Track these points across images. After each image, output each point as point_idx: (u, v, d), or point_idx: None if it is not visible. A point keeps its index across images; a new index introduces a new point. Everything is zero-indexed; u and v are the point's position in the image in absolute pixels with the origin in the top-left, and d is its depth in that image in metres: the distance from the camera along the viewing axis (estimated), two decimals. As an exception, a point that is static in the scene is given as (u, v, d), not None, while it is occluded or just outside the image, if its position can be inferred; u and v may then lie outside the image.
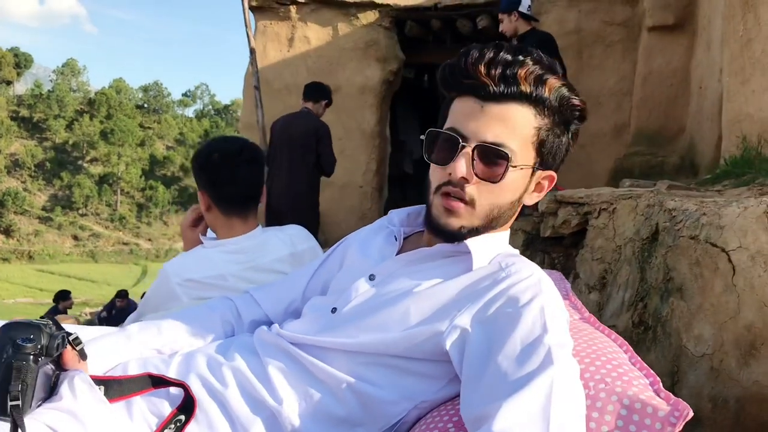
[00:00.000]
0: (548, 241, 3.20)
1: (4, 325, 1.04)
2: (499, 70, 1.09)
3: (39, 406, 1.03)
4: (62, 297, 10.23)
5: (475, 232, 1.16)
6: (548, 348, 0.94)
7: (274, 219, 5.13)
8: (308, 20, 7.72)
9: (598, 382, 0.97)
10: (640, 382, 0.98)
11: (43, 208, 72.69)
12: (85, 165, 78.14)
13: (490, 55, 1.10)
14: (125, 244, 72.19)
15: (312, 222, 5.15)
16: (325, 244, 7.64)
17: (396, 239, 1.30)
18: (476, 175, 1.11)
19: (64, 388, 1.07)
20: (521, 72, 1.09)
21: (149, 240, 73.57)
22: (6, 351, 1.00)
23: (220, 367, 1.20)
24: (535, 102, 1.10)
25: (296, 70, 7.75)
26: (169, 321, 1.38)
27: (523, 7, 4.67)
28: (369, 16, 7.53)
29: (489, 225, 1.16)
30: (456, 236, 1.16)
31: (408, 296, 1.12)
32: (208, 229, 2.03)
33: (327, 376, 1.13)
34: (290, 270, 1.86)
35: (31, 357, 1.00)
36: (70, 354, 1.11)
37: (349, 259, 1.37)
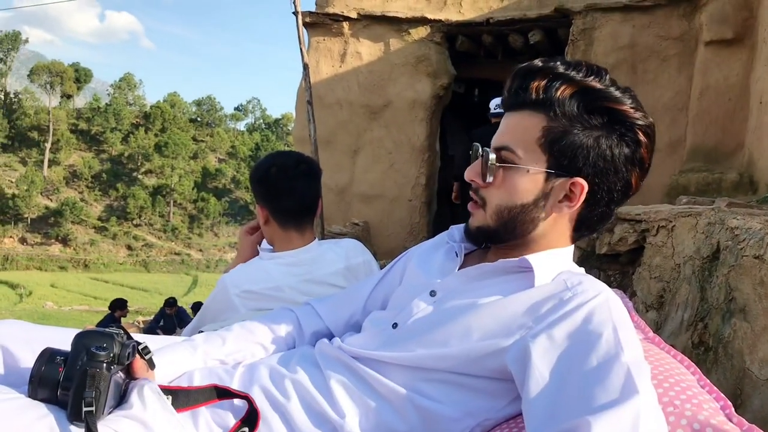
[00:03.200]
0: (604, 258, 3.14)
1: (78, 334, 1.07)
2: (517, 82, 1.13)
3: (110, 413, 1.06)
4: (118, 305, 10.42)
5: (493, 234, 1.18)
6: (627, 368, 0.91)
7: None
8: (360, 36, 7.81)
9: (667, 405, 0.95)
10: (710, 406, 0.96)
11: (99, 218, 74.66)
12: (140, 177, 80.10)
13: (522, 67, 1.14)
14: (177, 254, 73.58)
15: None
16: (375, 256, 7.69)
17: (457, 255, 1.30)
18: (474, 176, 1.17)
19: (134, 397, 1.09)
20: (535, 81, 1.11)
21: (200, 250, 74.82)
22: (81, 358, 1.02)
23: (283, 379, 1.21)
24: (546, 107, 1.10)
25: (348, 86, 7.84)
26: (232, 332, 1.40)
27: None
28: (420, 32, 7.57)
29: (505, 228, 1.16)
30: (475, 237, 1.21)
31: (469, 312, 1.12)
32: (264, 241, 2.06)
33: (388, 391, 1.13)
34: (345, 283, 1.87)
35: (105, 365, 1.02)
36: (139, 363, 1.14)
37: (409, 274, 1.37)
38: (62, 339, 1.15)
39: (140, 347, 1.14)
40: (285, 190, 1.90)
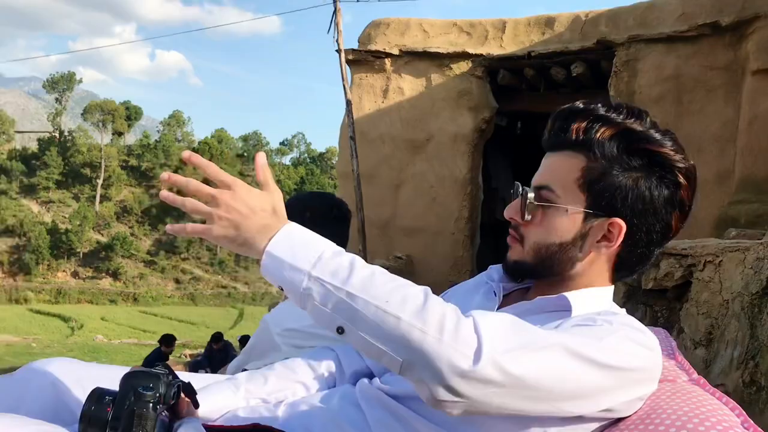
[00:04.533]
0: (650, 293, 3.09)
1: (126, 374, 1.11)
2: (558, 123, 1.15)
3: None
4: (166, 341, 10.54)
5: (530, 270, 1.19)
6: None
7: None
8: (402, 72, 7.91)
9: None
10: (753, 449, 0.94)
11: (148, 252, 76.22)
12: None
13: (563, 108, 1.16)
14: (224, 287, 74.46)
15: None
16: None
17: (495, 294, 1.30)
18: (513, 214, 1.19)
19: None
20: (575, 124, 1.13)
21: (246, 284, 75.58)
22: (129, 398, 1.05)
23: (324, 418, 1.23)
24: (586, 148, 1.12)
25: (390, 121, 7.93)
26: (274, 370, 1.42)
27: None
28: (462, 67, 7.64)
29: (542, 265, 1.17)
30: (512, 272, 1.22)
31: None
32: None
33: (429, 431, 1.14)
34: None
35: (151, 405, 1.05)
36: (184, 402, 1.17)
37: None
38: (111, 377, 1.18)
39: (185, 386, 1.17)
40: (321, 235, 1.92)
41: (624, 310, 1.21)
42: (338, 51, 7.51)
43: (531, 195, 1.15)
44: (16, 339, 27.19)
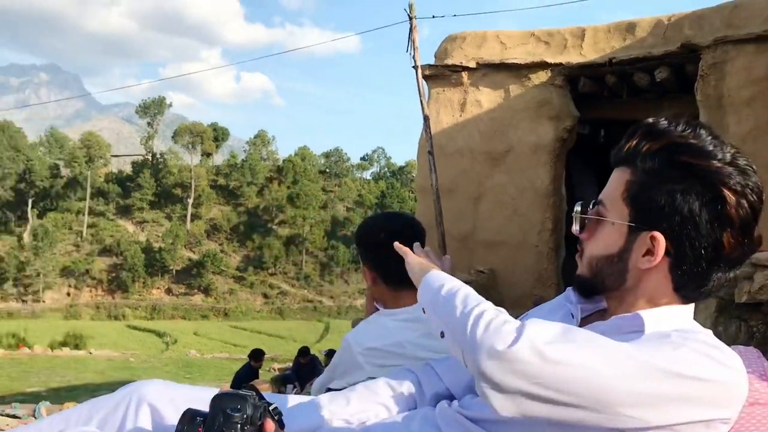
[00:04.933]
0: (744, 307, 2.94)
1: (215, 396, 1.16)
2: (623, 140, 1.18)
3: None
4: (255, 356, 10.82)
5: (587, 284, 1.22)
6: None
7: None
8: (480, 84, 7.89)
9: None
10: None
11: (237, 268, 78.48)
12: (274, 227, 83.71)
13: (630, 127, 1.19)
14: (309, 301, 75.76)
15: None
16: (501, 303, 7.57)
17: (573, 317, 1.29)
18: (573, 228, 1.24)
19: None
20: (631, 140, 1.16)
21: (331, 297, 76.63)
22: (218, 420, 1.11)
23: (404, 440, 1.25)
24: (631, 162, 1.15)
25: (469, 134, 7.91)
26: (356, 392, 1.45)
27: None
28: (541, 76, 7.54)
29: (596, 278, 1.20)
30: (576, 286, 1.26)
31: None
32: None
33: None
34: None
35: (239, 426, 1.10)
36: (270, 424, 1.22)
37: None
38: (202, 398, 1.24)
39: (271, 408, 1.22)
40: (393, 256, 1.94)
41: (710, 331, 1.18)
42: (415, 67, 7.57)
43: (577, 209, 1.22)
44: (115, 354, 28.54)
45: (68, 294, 72.53)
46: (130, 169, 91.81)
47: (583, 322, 1.27)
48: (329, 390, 1.90)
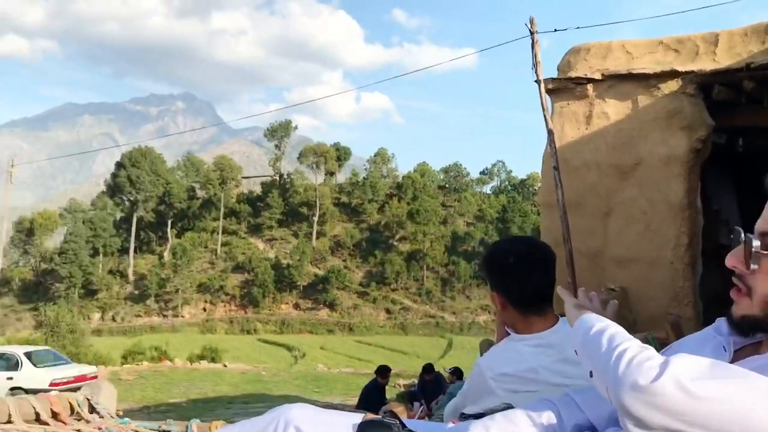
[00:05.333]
0: None
1: (361, 424, 1.22)
2: None
3: None
4: (382, 373, 10.95)
5: (760, 324, 1.12)
6: None
7: None
8: (606, 96, 7.65)
9: None
10: None
11: (361, 284, 79.99)
12: (395, 243, 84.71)
13: None
14: (431, 317, 75.84)
15: None
16: (634, 323, 7.26)
17: (725, 350, 1.24)
18: (736, 263, 1.12)
19: None
20: None
21: (453, 313, 76.34)
22: None
23: (546, 471, 1.25)
24: None
25: (595, 147, 7.68)
26: (495, 421, 1.46)
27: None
28: (671, 85, 7.22)
29: None
30: (739, 326, 1.14)
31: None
32: None
33: None
34: None
35: None
36: None
37: None
38: (344, 423, 1.31)
39: None
40: (522, 281, 1.93)
41: None
42: (537, 81, 7.46)
43: (757, 243, 1.09)
44: (248, 367, 29.79)
45: (204, 309, 76.70)
46: (260, 190, 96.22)
47: (736, 355, 1.23)
48: (462, 415, 1.93)
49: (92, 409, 3.41)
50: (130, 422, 3.68)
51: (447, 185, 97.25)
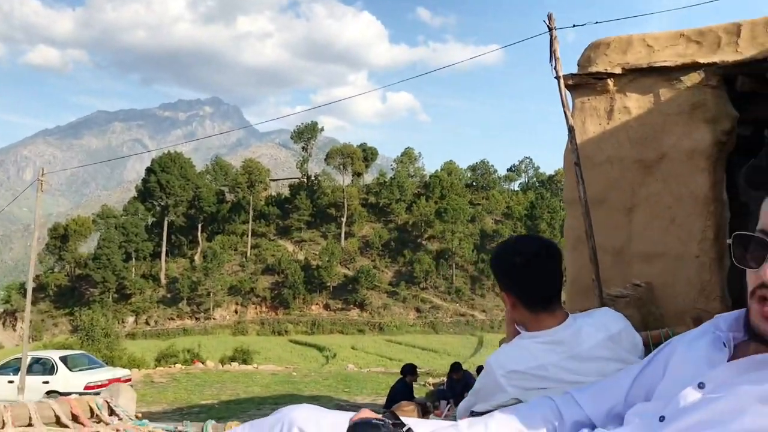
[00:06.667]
0: None
1: (350, 426, 1.26)
2: None
3: None
4: (409, 371, 11.00)
5: None
6: None
7: None
8: (627, 90, 7.58)
9: None
10: None
11: (390, 284, 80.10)
12: (424, 242, 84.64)
13: None
14: (462, 315, 75.66)
15: None
16: (660, 317, 7.20)
17: (725, 345, 1.26)
18: None
19: None
20: None
21: (483, 311, 76.07)
22: None
23: (543, 467, 1.27)
24: None
25: (617, 142, 7.61)
26: (494, 418, 1.49)
27: None
28: (693, 78, 7.13)
29: None
30: None
31: (748, 405, 1.08)
32: None
33: None
34: (609, 354, 1.85)
35: None
36: None
37: (674, 365, 1.35)
38: (344, 422, 1.36)
39: (404, 430, 1.30)
40: (531, 280, 1.95)
41: None
42: (557, 78, 7.42)
43: None
44: (279, 368, 30.03)
45: (235, 311, 77.47)
46: (288, 192, 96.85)
47: (736, 350, 1.24)
48: (473, 413, 1.96)
49: (111, 412, 3.51)
50: (147, 424, 3.78)
51: (474, 183, 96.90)
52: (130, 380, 17.53)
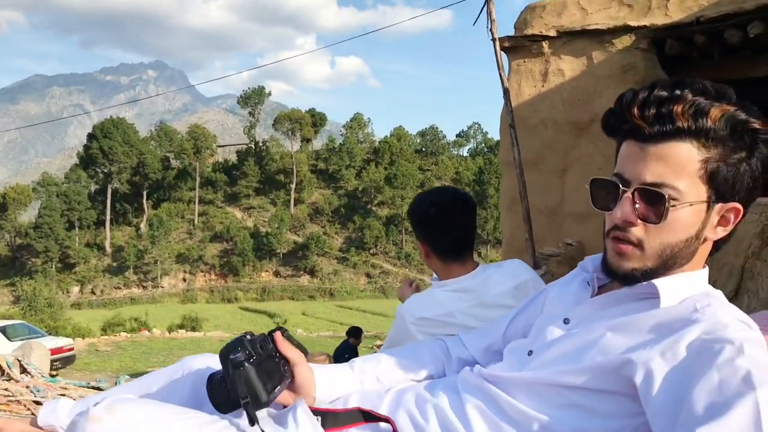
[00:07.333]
0: None
1: (219, 355, 1.30)
2: (653, 110, 1.09)
3: (278, 388, 1.28)
4: (353, 334, 11.02)
5: (651, 273, 1.15)
6: (746, 371, 0.93)
7: None
8: (561, 53, 7.70)
9: None
10: None
11: (340, 250, 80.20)
12: (374, 209, 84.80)
13: (643, 95, 1.11)
14: (411, 280, 76.39)
15: None
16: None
17: (589, 284, 1.33)
18: (639, 217, 1.11)
19: (289, 418, 1.28)
20: (677, 108, 1.07)
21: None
22: (229, 370, 1.25)
23: (425, 403, 1.32)
24: (697, 135, 1.08)
25: (552, 104, 7.75)
26: (387, 354, 1.55)
27: None
28: (624, 41, 7.28)
29: (665, 265, 1.14)
30: (629, 278, 1.16)
31: (600, 337, 1.15)
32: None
33: (517, 413, 1.19)
34: (514, 303, 1.91)
35: (244, 363, 1.23)
36: (278, 334, 1.37)
37: (547, 305, 1.42)
38: None
39: (274, 329, 1.36)
40: (444, 230, 2.01)
41: (720, 292, 1.19)
42: (493, 40, 7.48)
43: (663, 194, 1.09)
44: (227, 335, 29.95)
45: (184, 279, 76.54)
46: (236, 158, 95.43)
47: (600, 290, 1.31)
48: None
49: (23, 370, 3.48)
50: (60, 380, 3.77)
51: (424, 149, 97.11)
52: (72, 350, 17.26)
